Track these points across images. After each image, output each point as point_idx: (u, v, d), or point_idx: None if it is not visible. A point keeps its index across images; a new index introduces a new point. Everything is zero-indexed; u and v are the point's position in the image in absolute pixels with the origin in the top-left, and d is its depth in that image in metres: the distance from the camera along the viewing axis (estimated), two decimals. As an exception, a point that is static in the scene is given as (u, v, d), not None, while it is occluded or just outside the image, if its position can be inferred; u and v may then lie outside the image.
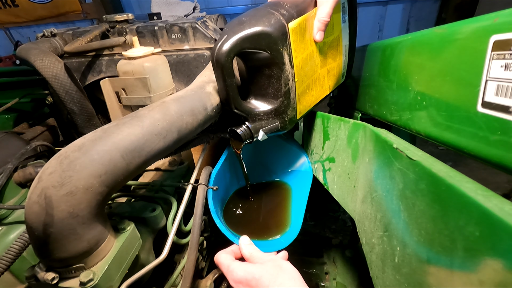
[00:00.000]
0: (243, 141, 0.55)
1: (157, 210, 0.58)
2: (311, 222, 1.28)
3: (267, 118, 0.55)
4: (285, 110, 0.55)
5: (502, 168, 0.31)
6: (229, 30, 0.47)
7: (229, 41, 0.46)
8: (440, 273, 0.29)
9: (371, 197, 0.44)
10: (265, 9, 0.50)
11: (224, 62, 0.46)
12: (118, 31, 0.77)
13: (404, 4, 2.90)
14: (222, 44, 0.46)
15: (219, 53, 0.46)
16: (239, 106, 0.52)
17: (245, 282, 0.43)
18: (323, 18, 0.51)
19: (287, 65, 0.51)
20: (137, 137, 0.40)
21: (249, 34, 0.47)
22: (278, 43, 0.48)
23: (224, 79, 0.48)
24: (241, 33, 0.46)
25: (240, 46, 0.47)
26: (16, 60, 2.99)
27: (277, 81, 0.52)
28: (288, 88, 0.53)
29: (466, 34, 0.35)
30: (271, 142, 0.77)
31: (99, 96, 0.84)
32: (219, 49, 0.46)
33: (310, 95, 0.60)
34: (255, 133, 0.55)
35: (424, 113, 0.43)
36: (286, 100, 0.54)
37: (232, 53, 0.46)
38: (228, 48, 0.46)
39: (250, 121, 0.54)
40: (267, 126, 0.55)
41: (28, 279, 0.38)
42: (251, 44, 0.47)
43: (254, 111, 0.54)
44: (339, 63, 0.64)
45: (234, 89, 0.50)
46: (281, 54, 0.49)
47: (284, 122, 0.56)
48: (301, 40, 0.52)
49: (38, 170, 0.59)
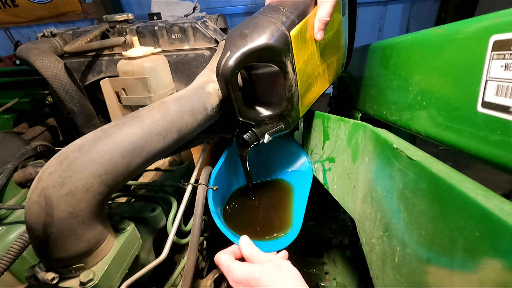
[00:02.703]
0: (250, 145, 0.57)
1: (157, 210, 0.58)
2: (311, 222, 1.28)
3: (271, 122, 0.56)
4: (289, 113, 0.56)
5: (502, 168, 0.31)
6: (232, 45, 0.48)
7: (233, 57, 0.46)
8: (440, 273, 0.29)
9: (371, 197, 0.44)
10: (266, 18, 0.49)
11: (229, 78, 0.47)
12: (118, 31, 0.77)
13: (404, 4, 2.90)
14: (227, 61, 0.47)
15: (224, 69, 0.47)
16: (244, 115, 0.53)
17: (245, 282, 0.43)
18: (324, 18, 0.51)
19: (290, 73, 0.51)
20: (137, 137, 0.40)
21: (253, 49, 0.47)
22: (281, 55, 0.49)
23: (230, 93, 0.49)
24: (244, 48, 0.47)
25: (244, 62, 0.47)
26: (16, 60, 3.00)
27: (281, 89, 0.53)
28: (291, 93, 0.54)
29: (466, 34, 0.35)
30: (271, 142, 0.77)
31: (99, 96, 0.84)
32: (224, 66, 0.47)
33: (312, 92, 0.61)
34: (260, 137, 0.56)
35: (424, 113, 0.43)
36: (290, 105, 0.55)
37: (237, 69, 0.47)
38: (233, 65, 0.46)
39: (256, 126, 0.55)
40: (271, 130, 0.57)
41: (28, 279, 0.38)
42: (255, 58, 0.48)
43: (259, 117, 0.55)
44: (339, 55, 0.64)
45: (239, 101, 0.51)
46: (284, 64, 0.50)
47: (287, 123, 0.58)
48: (303, 42, 0.52)
49: (38, 170, 0.59)
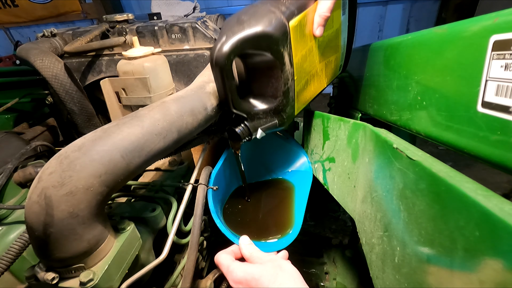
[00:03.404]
0: (242, 140, 0.54)
1: (157, 210, 0.58)
2: (311, 222, 1.28)
3: (265, 116, 0.54)
4: (284, 108, 0.54)
5: (502, 168, 0.31)
6: (228, 30, 0.45)
7: (228, 42, 0.44)
8: (440, 273, 0.29)
9: (371, 197, 0.44)
10: (265, 6, 0.47)
11: (223, 65, 0.45)
12: (118, 31, 0.77)
13: (404, 4, 2.90)
14: (222, 46, 0.44)
15: (219, 55, 0.44)
16: (238, 107, 0.51)
17: (245, 282, 0.43)
18: (324, 13, 0.50)
19: (287, 65, 0.50)
20: (137, 137, 0.40)
21: (249, 35, 0.44)
22: (279, 44, 0.47)
23: (224, 81, 0.47)
24: (240, 34, 0.44)
25: (240, 48, 0.45)
26: (16, 60, 3.00)
27: (277, 81, 0.51)
28: (287, 87, 0.52)
29: (466, 34, 0.35)
30: (271, 142, 0.77)
31: (99, 96, 0.84)
32: (219, 51, 0.44)
33: (308, 90, 0.60)
34: (253, 131, 0.54)
35: (424, 113, 0.43)
36: (285, 99, 0.53)
37: (232, 55, 0.45)
38: (227, 50, 0.44)
39: (249, 120, 0.53)
40: (265, 125, 0.54)
41: (28, 279, 0.38)
42: (251, 46, 0.46)
43: (253, 110, 0.53)
44: (337, 56, 0.64)
45: (233, 90, 0.49)
46: (281, 55, 0.48)
47: (282, 119, 0.56)
48: (301, 36, 0.51)
49: (38, 170, 0.59)
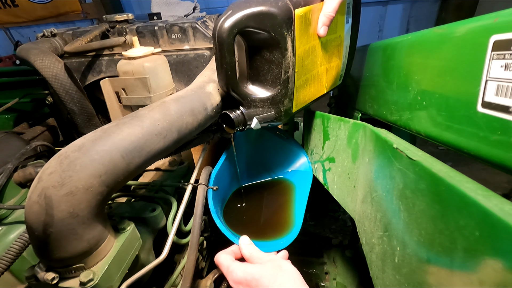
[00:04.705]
0: (235, 126, 0.53)
1: (157, 210, 0.58)
2: (311, 222, 1.28)
3: (262, 105, 0.54)
4: (282, 99, 0.54)
5: (502, 168, 0.31)
6: (235, 6, 0.46)
7: (233, 16, 0.45)
8: (440, 273, 0.29)
9: (371, 197, 0.44)
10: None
11: (225, 38, 0.45)
12: (118, 31, 0.77)
13: (404, 4, 2.91)
14: (226, 19, 0.45)
15: (222, 28, 0.45)
16: (235, 88, 0.51)
17: (245, 282, 0.43)
18: (329, 13, 0.51)
19: (289, 52, 0.50)
20: (137, 137, 0.40)
21: (255, 12, 0.45)
22: (283, 26, 0.47)
23: (224, 55, 0.47)
24: (246, 10, 0.45)
25: (244, 24, 0.45)
26: (16, 60, 3.00)
27: (277, 67, 0.51)
28: (287, 76, 0.52)
29: (466, 34, 0.35)
30: (271, 142, 0.77)
31: (99, 96, 0.84)
32: (222, 24, 0.45)
33: (307, 90, 0.60)
34: (248, 119, 0.53)
35: (424, 113, 0.43)
36: (284, 89, 0.53)
37: (235, 29, 0.45)
38: (231, 24, 0.44)
39: (245, 106, 0.53)
40: (261, 114, 0.54)
41: (28, 279, 0.38)
42: (255, 23, 0.46)
43: (250, 97, 0.53)
44: (338, 63, 0.64)
45: (232, 68, 0.48)
46: (284, 38, 0.48)
47: (279, 112, 0.55)
48: (305, 31, 0.51)
49: (38, 170, 0.59)
